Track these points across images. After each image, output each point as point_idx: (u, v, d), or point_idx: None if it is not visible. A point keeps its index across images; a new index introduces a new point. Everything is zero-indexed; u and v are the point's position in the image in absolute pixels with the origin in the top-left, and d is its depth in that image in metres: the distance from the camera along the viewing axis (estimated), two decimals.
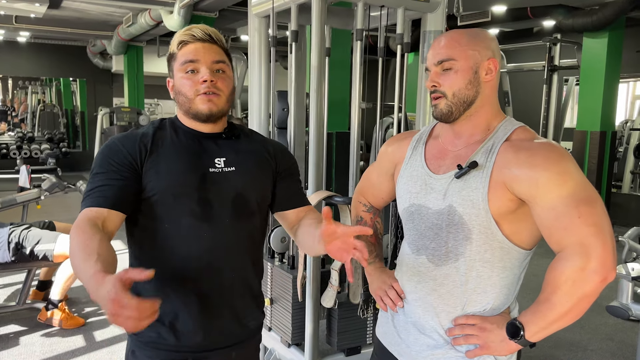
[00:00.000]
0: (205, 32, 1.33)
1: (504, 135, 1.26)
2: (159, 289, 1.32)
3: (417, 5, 2.53)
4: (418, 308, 1.35)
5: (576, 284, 1.12)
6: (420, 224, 1.33)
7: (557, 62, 6.83)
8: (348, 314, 2.54)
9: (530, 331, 1.19)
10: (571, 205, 1.13)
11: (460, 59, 1.26)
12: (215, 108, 1.33)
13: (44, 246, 3.52)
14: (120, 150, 1.30)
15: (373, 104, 2.93)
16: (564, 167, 1.16)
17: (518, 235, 1.24)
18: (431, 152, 1.38)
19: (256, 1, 2.81)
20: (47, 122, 13.92)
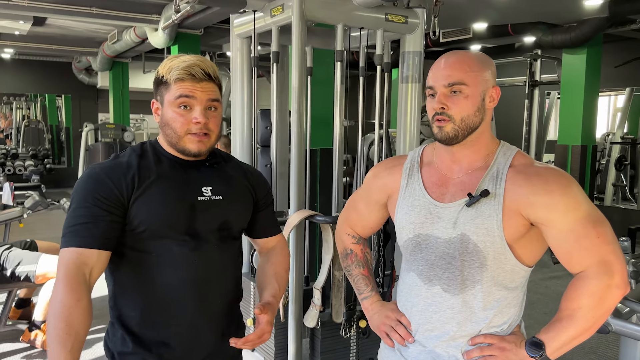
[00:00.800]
0: (205, 71, 1.31)
1: (505, 161, 1.29)
2: (146, 317, 1.33)
3: (395, 27, 2.58)
4: (435, 338, 1.33)
5: (602, 300, 1.18)
6: (430, 254, 1.32)
7: (538, 77, 6.95)
8: (331, 334, 2.55)
9: (551, 347, 1.22)
10: (589, 227, 1.19)
11: (471, 85, 1.26)
12: (204, 148, 1.34)
13: (25, 267, 3.49)
14: (105, 183, 1.27)
15: (355, 121, 2.96)
16: (577, 192, 1.22)
17: (526, 256, 1.28)
18: (429, 179, 1.36)
19: (238, 22, 2.85)
20: (32, 138, 13.81)
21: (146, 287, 1.33)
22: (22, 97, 15.25)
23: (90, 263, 1.23)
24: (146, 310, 1.33)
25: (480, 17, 5.78)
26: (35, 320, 3.53)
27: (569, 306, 1.21)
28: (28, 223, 4.52)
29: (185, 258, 1.32)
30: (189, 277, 1.33)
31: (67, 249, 1.23)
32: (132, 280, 1.34)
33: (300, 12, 2.32)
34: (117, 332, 1.35)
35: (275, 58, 2.60)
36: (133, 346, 1.33)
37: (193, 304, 1.35)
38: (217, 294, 1.39)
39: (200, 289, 1.35)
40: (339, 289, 2.43)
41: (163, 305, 1.33)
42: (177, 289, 1.33)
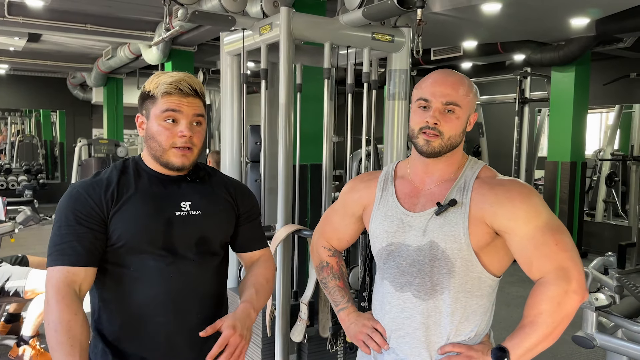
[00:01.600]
0: (192, 87, 1.35)
1: (472, 173, 1.36)
2: (124, 331, 1.36)
3: (382, 46, 2.63)
4: (406, 345, 1.38)
5: (560, 305, 1.22)
6: (401, 261, 1.37)
7: (528, 94, 7.03)
8: (318, 348, 2.55)
9: (515, 354, 1.25)
10: (548, 235, 1.25)
11: (463, 107, 1.33)
12: (187, 162, 1.37)
13: (15, 283, 3.49)
14: (86, 201, 1.31)
15: (344, 137, 3.00)
16: (536, 201, 1.29)
17: (492, 264, 1.33)
18: (402, 191, 1.42)
19: (228, 40, 2.89)
20: (26, 153, 13.79)
21: (125, 301, 1.35)
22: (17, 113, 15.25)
23: (79, 280, 1.27)
24: (125, 325, 1.36)
25: (470, 35, 5.87)
26: (23, 335, 3.52)
27: (530, 313, 1.26)
28: (19, 238, 4.52)
29: (161, 273, 1.34)
30: (165, 291, 1.35)
31: (55, 268, 1.26)
32: (112, 294, 1.36)
33: (287, 31, 2.37)
34: (98, 345, 1.37)
35: (264, 75, 2.64)
36: (112, 359, 1.35)
37: (169, 318, 1.36)
38: (195, 309, 1.40)
39: (177, 304, 1.36)
40: (326, 304, 2.44)
41: (140, 319, 1.35)
42: (154, 303, 1.35)
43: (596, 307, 2.56)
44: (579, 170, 6.18)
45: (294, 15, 2.39)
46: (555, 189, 6.22)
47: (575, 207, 6.23)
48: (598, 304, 2.57)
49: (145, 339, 1.36)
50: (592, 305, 2.56)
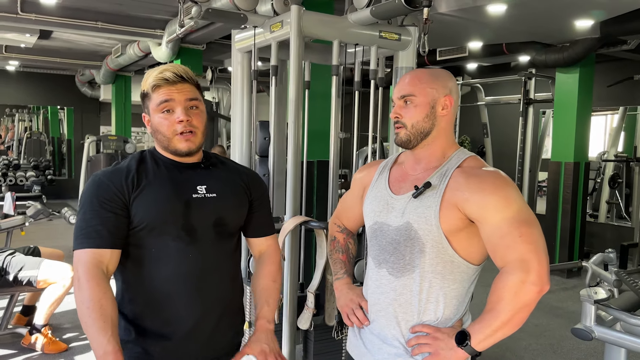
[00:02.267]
0: (177, 73, 1.41)
1: (456, 162, 1.44)
2: (146, 310, 1.44)
3: (388, 44, 2.70)
4: (382, 318, 1.48)
5: (517, 295, 1.27)
6: (382, 239, 1.48)
7: (533, 95, 7.09)
8: (323, 337, 2.63)
9: (476, 339, 1.32)
10: (513, 226, 1.30)
11: (419, 95, 1.44)
12: (193, 146, 1.45)
13: (27, 272, 3.58)
14: (108, 187, 1.39)
15: (351, 134, 3.07)
16: (509, 193, 1.34)
17: (467, 251, 1.39)
18: (394, 176, 1.54)
19: (239, 37, 2.97)
20: (34, 150, 13.93)
21: (146, 282, 1.42)
22: (25, 109, 15.39)
23: (105, 261, 1.35)
24: (146, 304, 1.43)
25: (475, 36, 5.93)
26: (36, 324, 3.61)
27: (491, 300, 1.32)
28: (29, 232, 4.61)
29: (180, 253, 1.42)
30: (185, 271, 1.42)
31: (82, 251, 1.35)
32: (134, 275, 1.44)
33: (298, 28, 2.45)
34: (121, 322, 1.44)
35: (274, 72, 2.72)
36: (135, 336, 1.43)
37: (189, 296, 1.44)
38: (213, 287, 1.48)
39: (196, 283, 1.44)
40: (332, 293, 2.52)
41: (161, 298, 1.42)
42: (174, 282, 1.42)
43: (595, 300, 2.62)
44: (582, 170, 6.22)
45: (304, 13, 2.47)
46: (559, 189, 6.27)
47: (578, 207, 6.27)
48: (597, 298, 2.64)
49: (166, 318, 1.43)
50: (591, 298, 2.63)
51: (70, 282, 3.63)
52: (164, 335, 1.43)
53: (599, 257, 3.07)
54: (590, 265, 2.81)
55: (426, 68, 1.53)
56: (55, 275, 3.60)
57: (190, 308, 1.44)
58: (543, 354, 3.86)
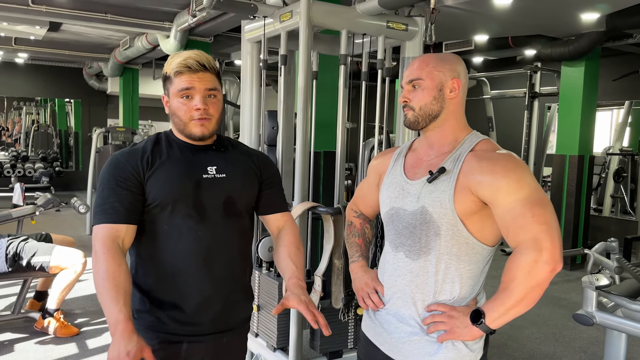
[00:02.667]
0: (200, 62, 1.48)
1: (469, 146, 1.47)
2: (159, 283, 1.52)
3: (396, 34, 2.75)
4: (398, 300, 1.52)
5: (530, 274, 1.30)
6: (398, 224, 1.52)
7: (538, 89, 7.12)
8: (330, 319, 2.68)
9: (490, 317, 1.36)
10: (526, 207, 1.32)
11: (426, 79, 1.47)
12: (207, 131, 1.52)
13: (40, 258, 3.66)
14: (125, 167, 1.47)
15: (358, 124, 3.13)
16: (521, 175, 1.36)
17: (481, 232, 1.42)
18: (409, 162, 1.58)
19: (249, 27, 3.03)
20: (41, 143, 14.05)
21: (158, 256, 1.51)
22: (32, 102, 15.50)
23: (121, 236, 1.43)
24: (159, 277, 1.52)
25: (481, 29, 5.96)
26: (48, 308, 3.70)
27: (505, 279, 1.35)
28: (39, 222, 4.70)
29: (190, 230, 1.49)
30: (194, 247, 1.50)
31: (100, 226, 1.43)
32: (148, 251, 1.52)
33: (307, 18, 2.50)
34: (136, 294, 1.53)
35: (283, 61, 2.77)
36: (150, 306, 1.52)
37: (199, 271, 1.51)
38: (222, 263, 1.55)
39: (206, 259, 1.52)
40: (339, 277, 2.58)
41: (172, 272, 1.51)
42: (184, 258, 1.50)
43: (596, 286, 2.67)
44: (587, 163, 6.26)
45: (313, 3, 2.52)
46: (563, 182, 6.31)
47: (582, 200, 6.31)
48: (598, 284, 2.69)
49: (177, 290, 1.51)
50: (592, 285, 2.68)
51: (81, 268, 3.71)
52: (176, 307, 1.51)
53: (601, 245, 3.12)
54: (592, 253, 2.86)
55: (434, 53, 1.56)
56: (66, 261, 3.68)
57: (199, 282, 1.52)
58: (545, 342, 3.92)
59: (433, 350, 1.44)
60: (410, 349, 1.48)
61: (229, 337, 1.62)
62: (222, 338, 1.60)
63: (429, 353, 1.44)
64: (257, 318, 2.93)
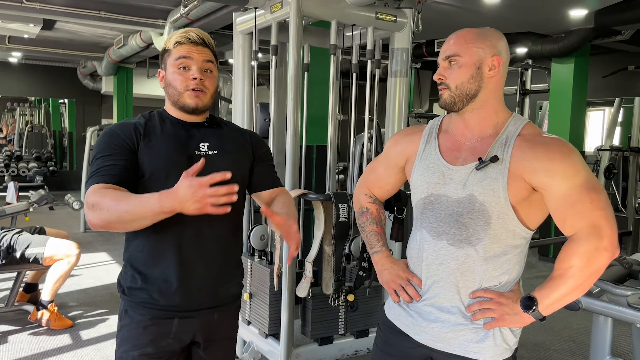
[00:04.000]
0: (200, 36, 1.54)
1: (515, 130, 1.39)
2: (150, 257, 1.53)
3: (385, 25, 2.80)
4: (440, 289, 1.44)
5: (591, 260, 1.27)
6: (440, 211, 1.43)
7: (529, 86, 7.18)
8: (321, 305, 2.73)
9: (543, 304, 1.32)
10: (584, 193, 1.29)
11: (464, 55, 1.38)
12: (200, 103, 1.54)
13: (34, 250, 3.68)
14: (119, 135, 1.50)
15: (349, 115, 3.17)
16: (576, 160, 1.32)
17: (529, 218, 1.39)
18: (445, 145, 1.48)
19: (240, 19, 3.07)
20: (35, 143, 14.02)
21: (149, 230, 1.47)
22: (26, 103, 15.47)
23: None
24: (150, 251, 1.53)
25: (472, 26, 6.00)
26: (42, 300, 3.72)
27: (560, 266, 1.31)
28: (33, 220, 4.70)
29: None
30: (186, 221, 1.45)
31: (93, 186, 1.42)
32: None
33: (297, 8, 2.55)
34: (128, 271, 1.56)
35: (274, 51, 2.82)
36: (141, 283, 1.54)
37: (190, 246, 1.53)
38: (213, 239, 1.56)
39: (196, 233, 1.53)
40: (329, 263, 2.63)
41: (164, 246, 1.52)
42: (176, 232, 1.51)
43: None
44: None
45: None
46: None
47: None
48: None
49: (168, 265, 1.52)
50: None
51: (75, 259, 3.73)
52: (167, 281, 1.52)
53: None
54: None
55: (471, 28, 1.43)
56: (61, 252, 3.70)
57: (190, 257, 1.53)
58: (535, 332, 3.97)
59: (479, 337, 1.39)
60: (455, 338, 1.42)
61: (220, 312, 1.63)
62: (213, 314, 1.61)
63: (474, 340, 1.40)
64: (249, 306, 2.96)
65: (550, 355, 3.60)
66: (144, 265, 1.55)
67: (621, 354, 3.66)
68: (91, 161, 1.51)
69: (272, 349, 2.80)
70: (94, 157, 1.50)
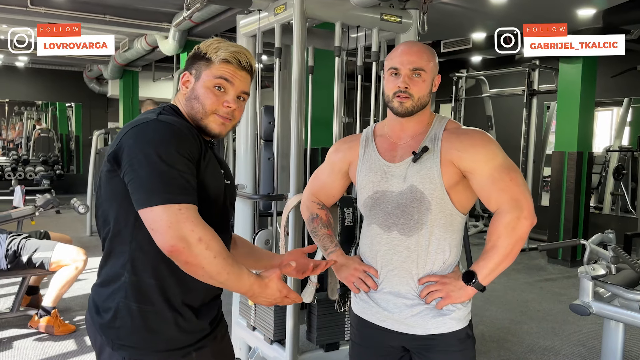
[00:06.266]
0: (250, 62, 1.39)
1: (440, 126, 1.61)
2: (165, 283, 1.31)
3: (390, 26, 2.77)
4: (395, 277, 1.60)
5: (514, 229, 1.48)
6: (387, 205, 1.60)
7: (536, 87, 7.12)
8: (327, 311, 2.69)
9: (481, 274, 1.51)
10: (504, 172, 1.52)
11: (427, 71, 1.57)
12: (224, 131, 1.40)
13: (41, 254, 3.66)
14: (193, 142, 1.28)
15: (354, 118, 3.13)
16: (494, 146, 1.56)
17: (460, 203, 1.58)
18: (382, 146, 1.66)
19: (244, 22, 3.05)
20: (42, 146, 14.08)
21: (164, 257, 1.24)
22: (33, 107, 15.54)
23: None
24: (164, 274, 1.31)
25: (478, 26, 5.98)
26: (45, 306, 3.70)
27: (490, 238, 1.50)
28: (39, 224, 4.70)
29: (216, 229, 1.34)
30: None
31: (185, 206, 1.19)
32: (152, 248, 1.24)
33: (301, 10, 2.52)
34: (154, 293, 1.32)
35: (278, 54, 2.79)
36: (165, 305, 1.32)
37: None
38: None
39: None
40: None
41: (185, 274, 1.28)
42: None
43: (593, 276, 2.67)
44: (586, 160, 6.26)
45: None
46: (562, 179, 6.30)
47: (582, 197, 6.30)
48: (595, 274, 2.69)
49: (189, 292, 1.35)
50: (588, 274, 2.68)
51: (82, 265, 3.72)
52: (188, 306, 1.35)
53: (597, 237, 3.11)
54: (589, 244, 2.85)
55: (423, 44, 1.64)
56: (68, 257, 3.69)
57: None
58: (544, 336, 3.91)
59: (435, 314, 1.56)
60: (416, 320, 1.58)
61: (221, 329, 1.50)
62: (217, 334, 1.47)
63: (431, 318, 1.57)
64: (254, 312, 2.93)
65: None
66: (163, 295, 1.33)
67: (633, 359, 3.60)
68: (150, 156, 1.20)
69: (277, 355, 2.77)
70: (153, 152, 1.20)
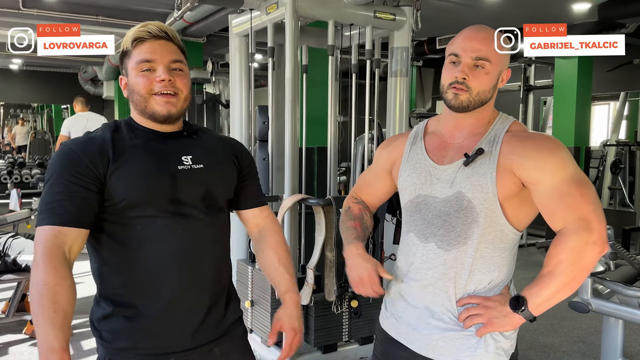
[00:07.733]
0: (161, 29, 1.29)
1: (503, 127, 1.38)
2: (133, 294, 1.30)
3: (383, 24, 2.74)
4: (429, 294, 1.39)
5: (581, 255, 1.22)
6: (427, 212, 1.39)
7: (532, 82, 7.11)
8: (324, 313, 2.67)
9: (533, 303, 1.26)
10: (573, 186, 1.26)
11: (494, 63, 1.33)
12: (174, 109, 1.30)
13: (27, 257, 3.57)
14: (80, 160, 1.23)
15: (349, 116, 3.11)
16: (564, 155, 1.30)
17: (517, 218, 1.35)
18: (431, 145, 1.44)
19: (236, 22, 3.02)
20: (38, 149, 14.04)
21: (131, 261, 1.29)
22: (29, 110, 15.50)
23: (69, 242, 1.20)
24: (134, 286, 1.30)
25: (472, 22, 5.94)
26: None
27: (549, 263, 1.25)
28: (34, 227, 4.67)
29: (169, 230, 1.29)
30: (175, 248, 1.30)
31: (45, 227, 1.19)
32: (116, 256, 1.29)
33: (293, 8, 2.49)
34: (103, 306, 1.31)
35: (271, 53, 2.76)
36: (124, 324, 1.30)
37: (180, 275, 1.31)
38: (205, 265, 1.35)
39: (187, 261, 1.32)
40: (331, 269, 2.56)
41: (149, 278, 1.29)
42: (163, 261, 1.29)
43: (592, 273, 2.65)
44: (583, 155, 6.25)
45: None
46: None
47: None
48: (594, 271, 2.67)
49: (156, 299, 1.30)
50: None
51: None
52: (157, 320, 1.31)
53: None
54: None
55: (489, 28, 1.35)
56: None
57: (178, 288, 1.31)
58: (544, 333, 3.90)
59: (472, 345, 1.33)
60: (446, 346, 1.36)
61: (221, 345, 1.39)
62: (214, 348, 1.38)
63: (468, 349, 1.34)
64: (251, 314, 2.91)
65: (560, 357, 3.52)
66: (122, 301, 1.31)
67: (633, 355, 3.59)
68: (45, 183, 1.24)
69: (275, 357, 2.74)
70: (47, 180, 1.23)
